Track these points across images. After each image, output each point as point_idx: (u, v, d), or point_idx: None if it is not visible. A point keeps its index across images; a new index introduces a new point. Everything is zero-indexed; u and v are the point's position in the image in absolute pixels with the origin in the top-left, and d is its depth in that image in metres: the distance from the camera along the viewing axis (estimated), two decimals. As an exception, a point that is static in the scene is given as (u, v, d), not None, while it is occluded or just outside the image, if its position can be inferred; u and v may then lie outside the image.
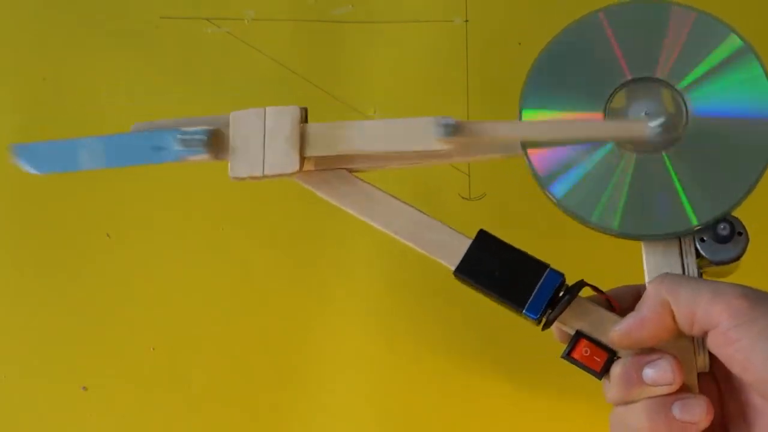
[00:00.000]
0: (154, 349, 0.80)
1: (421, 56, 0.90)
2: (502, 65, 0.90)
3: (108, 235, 0.84)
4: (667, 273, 0.47)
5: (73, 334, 0.80)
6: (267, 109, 0.52)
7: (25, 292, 0.82)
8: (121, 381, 0.79)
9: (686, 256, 0.48)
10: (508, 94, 0.96)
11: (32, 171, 0.59)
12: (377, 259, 0.81)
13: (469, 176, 0.84)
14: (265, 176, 0.53)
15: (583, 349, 0.50)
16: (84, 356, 0.80)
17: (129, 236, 0.84)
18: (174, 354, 0.79)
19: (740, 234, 0.49)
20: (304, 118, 0.52)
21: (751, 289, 0.43)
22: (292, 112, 0.51)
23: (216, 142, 0.55)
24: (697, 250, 0.48)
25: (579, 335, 0.50)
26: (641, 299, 0.47)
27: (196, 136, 0.54)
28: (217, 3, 0.93)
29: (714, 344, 0.43)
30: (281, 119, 0.51)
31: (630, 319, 0.46)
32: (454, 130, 0.50)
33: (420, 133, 0.50)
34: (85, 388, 0.79)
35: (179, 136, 0.55)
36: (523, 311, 0.49)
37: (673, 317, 0.44)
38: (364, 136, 0.51)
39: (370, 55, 0.90)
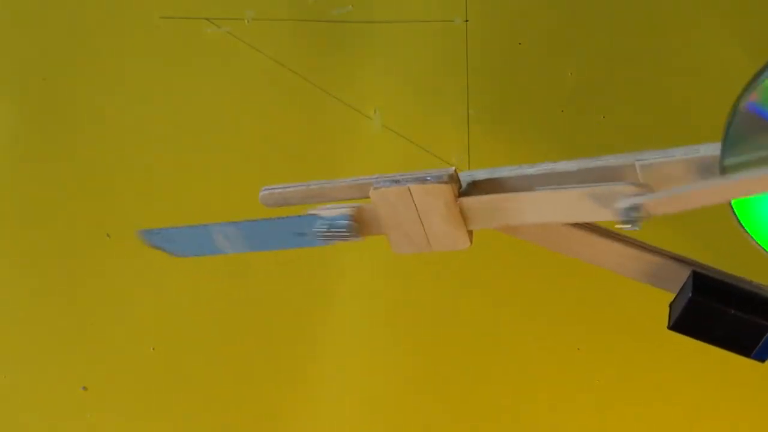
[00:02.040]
0: (154, 349, 0.80)
1: (421, 56, 0.90)
2: (502, 65, 0.90)
3: (108, 235, 0.84)
4: None
5: (73, 334, 0.80)
6: (411, 187, 0.44)
7: (25, 292, 0.82)
8: (121, 381, 0.79)
9: None
10: (508, 94, 0.96)
11: (176, 255, 0.52)
12: (378, 258, 0.81)
13: (469, 176, 0.84)
14: (435, 250, 0.46)
15: None
16: (84, 356, 0.80)
17: (129, 236, 0.84)
18: (174, 354, 0.79)
19: None
20: (457, 188, 0.44)
21: None
22: (443, 193, 0.43)
23: (360, 222, 0.47)
24: None
25: None
26: None
27: (339, 224, 0.47)
28: (217, 3, 0.93)
29: None
30: (432, 200, 0.43)
31: None
32: (640, 217, 0.40)
33: (595, 208, 0.42)
34: (85, 388, 0.79)
35: (320, 230, 0.47)
36: (751, 356, 0.47)
37: None
38: (531, 209, 0.43)
39: (370, 55, 0.90)
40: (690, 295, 0.46)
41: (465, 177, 0.44)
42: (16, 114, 0.90)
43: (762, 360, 0.47)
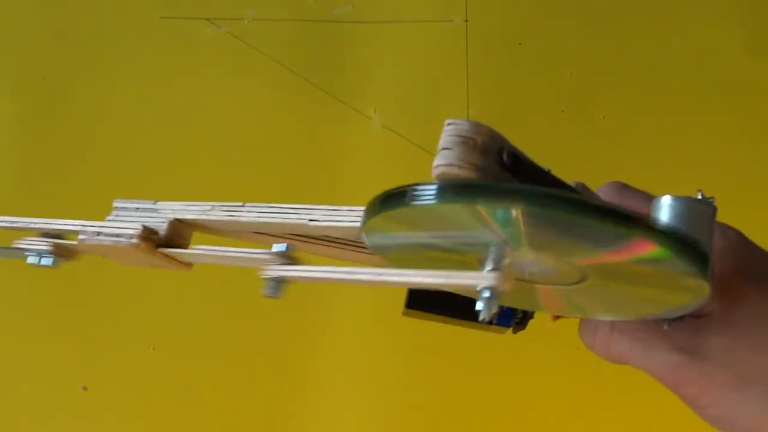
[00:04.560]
0: (154, 349, 0.80)
1: (421, 56, 0.90)
2: (502, 65, 0.90)
3: (108, 235, 0.84)
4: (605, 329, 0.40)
5: (73, 334, 0.80)
6: (106, 244, 0.44)
7: (25, 292, 0.82)
8: (121, 381, 0.79)
9: None
10: (508, 94, 0.97)
11: None
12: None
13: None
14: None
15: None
16: (84, 356, 0.80)
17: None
18: (174, 354, 0.79)
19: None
20: (154, 242, 0.45)
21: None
22: (137, 249, 0.44)
23: (69, 253, 0.47)
24: None
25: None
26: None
27: (45, 261, 0.48)
28: (217, 3, 0.93)
29: None
30: (132, 250, 0.44)
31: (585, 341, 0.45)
32: (283, 286, 0.39)
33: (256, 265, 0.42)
34: (85, 388, 0.79)
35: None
36: (494, 323, 0.47)
37: None
38: (214, 260, 0.44)
39: (370, 55, 0.90)
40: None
41: (166, 211, 0.45)
42: (16, 114, 0.90)
43: (508, 324, 0.47)
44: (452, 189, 0.28)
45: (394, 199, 0.29)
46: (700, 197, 0.34)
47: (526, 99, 0.89)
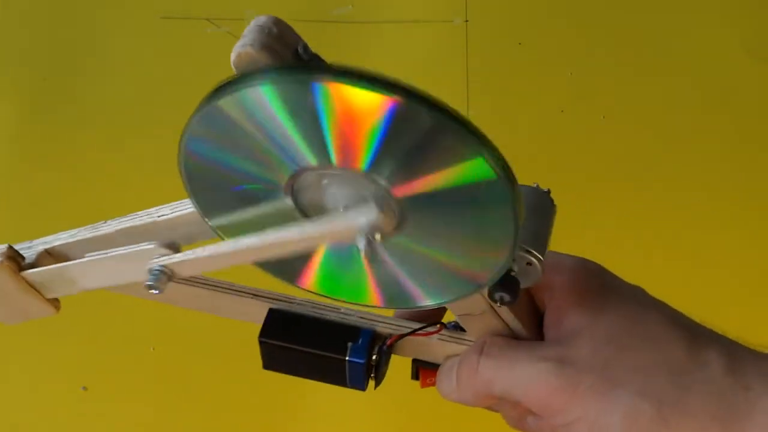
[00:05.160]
0: (154, 349, 0.80)
1: (421, 56, 0.90)
2: (502, 65, 0.90)
3: (108, 235, 0.84)
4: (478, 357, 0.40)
5: (73, 334, 0.80)
6: None
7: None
8: (121, 381, 0.79)
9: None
10: (508, 94, 0.97)
11: None
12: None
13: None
14: (33, 318, 0.44)
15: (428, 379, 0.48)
16: (84, 356, 0.80)
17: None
18: (174, 354, 0.79)
19: None
20: (17, 264, 0.42)
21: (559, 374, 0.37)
22: None
23: None
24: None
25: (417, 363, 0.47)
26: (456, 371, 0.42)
27: None
28: (217, 3, 0.93)
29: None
30: None
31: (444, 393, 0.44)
32: (166, 278, 0.37)
33: (136, 270, 0.38)
34: (85, 388, 0.79)
35: None
36: (348, 386, 0.45)
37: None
38: (87, 276, 0.42)
39: (370, 55, 0.90)
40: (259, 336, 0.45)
41: (38, 246, 0.42)
42: (16, 114, 0.90)
43: (362, 388, 0.44)
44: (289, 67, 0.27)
45: (222, 88, 0.29)
46: (535, 186, 0.35)
47: (526, 99, 0.89)
